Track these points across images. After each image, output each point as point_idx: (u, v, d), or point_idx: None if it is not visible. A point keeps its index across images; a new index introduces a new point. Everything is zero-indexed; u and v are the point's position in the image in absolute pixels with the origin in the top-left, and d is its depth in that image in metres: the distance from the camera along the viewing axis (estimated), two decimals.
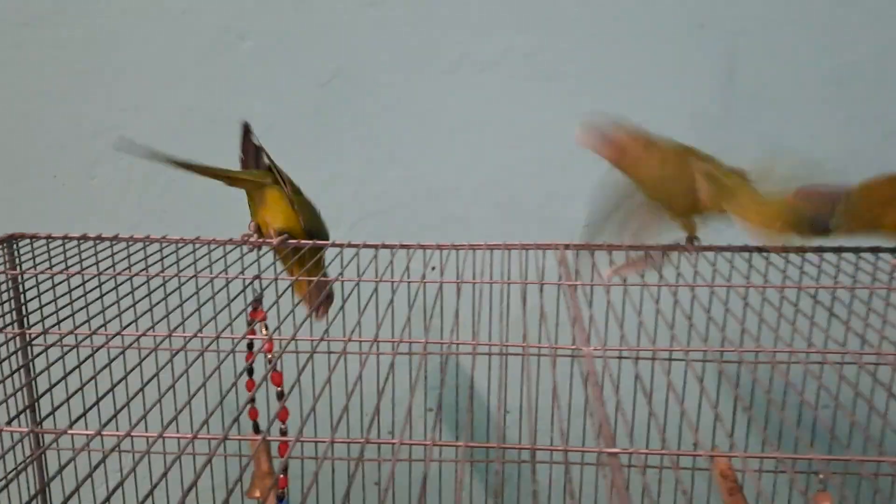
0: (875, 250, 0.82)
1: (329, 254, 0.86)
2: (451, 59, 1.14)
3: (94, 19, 1.14)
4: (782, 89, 1.13)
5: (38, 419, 0.81)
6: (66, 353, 0.59)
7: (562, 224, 1.12)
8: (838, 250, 0.82)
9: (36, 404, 0.82)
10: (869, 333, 0.70)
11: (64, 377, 0.58)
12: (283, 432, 0.84)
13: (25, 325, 0.81)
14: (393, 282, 0.73)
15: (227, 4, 1.14)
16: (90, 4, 1.14)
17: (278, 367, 0.84)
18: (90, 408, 0.52)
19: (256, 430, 0.85)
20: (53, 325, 0.67)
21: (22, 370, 0.80)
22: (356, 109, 1.16)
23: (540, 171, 1.16)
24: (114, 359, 0.59)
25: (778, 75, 1.12)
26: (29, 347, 0.80)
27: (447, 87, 1.15)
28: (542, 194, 1.16)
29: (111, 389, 0.54)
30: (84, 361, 0.56)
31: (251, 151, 0.88)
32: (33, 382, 0.58)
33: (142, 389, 0.54)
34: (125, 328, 0.64)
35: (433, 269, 0.88)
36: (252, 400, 0.81)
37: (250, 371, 0.83)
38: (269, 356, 0.80)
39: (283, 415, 0.81)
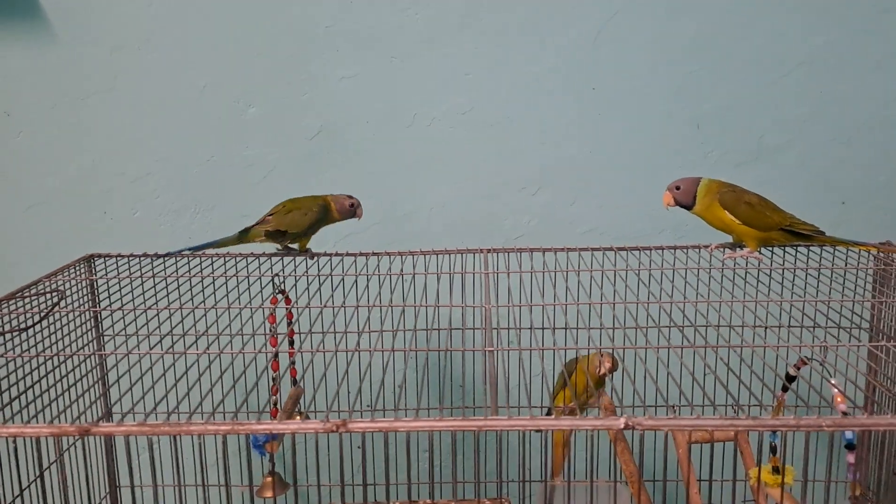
0: (704, 246, 1.13)
1: (327, 260, 1.12)
2: (407, 116, 1.32)
3: (138, 95, 1.32)
4: (652, 129, 1.32)
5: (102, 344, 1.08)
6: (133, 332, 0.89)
7: (492, 235, 1.35)
8: (674, 248, 1.13)
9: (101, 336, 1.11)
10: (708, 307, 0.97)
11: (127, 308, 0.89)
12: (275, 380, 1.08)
13: (97, 302, 1.08)
14: (379, 275, 1.02)
15: (237, 81, 1.31)
16: (137, 84, 1.31)
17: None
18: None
19: (294, 382, 1.08)
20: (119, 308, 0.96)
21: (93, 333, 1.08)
22: (336, 156, 1.33)
23: (475, 198, 1.35)
24: (167, 322, 0.90)
25: (649, 119, 1.32)
26: (99, 319, 1.07)
27: (404, 138, 1.33)
28: (477, 214, 1.36)
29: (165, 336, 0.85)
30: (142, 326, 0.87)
31: None
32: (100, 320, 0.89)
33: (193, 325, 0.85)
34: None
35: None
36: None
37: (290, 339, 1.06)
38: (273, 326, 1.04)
39: (274, 365, 1.06)
